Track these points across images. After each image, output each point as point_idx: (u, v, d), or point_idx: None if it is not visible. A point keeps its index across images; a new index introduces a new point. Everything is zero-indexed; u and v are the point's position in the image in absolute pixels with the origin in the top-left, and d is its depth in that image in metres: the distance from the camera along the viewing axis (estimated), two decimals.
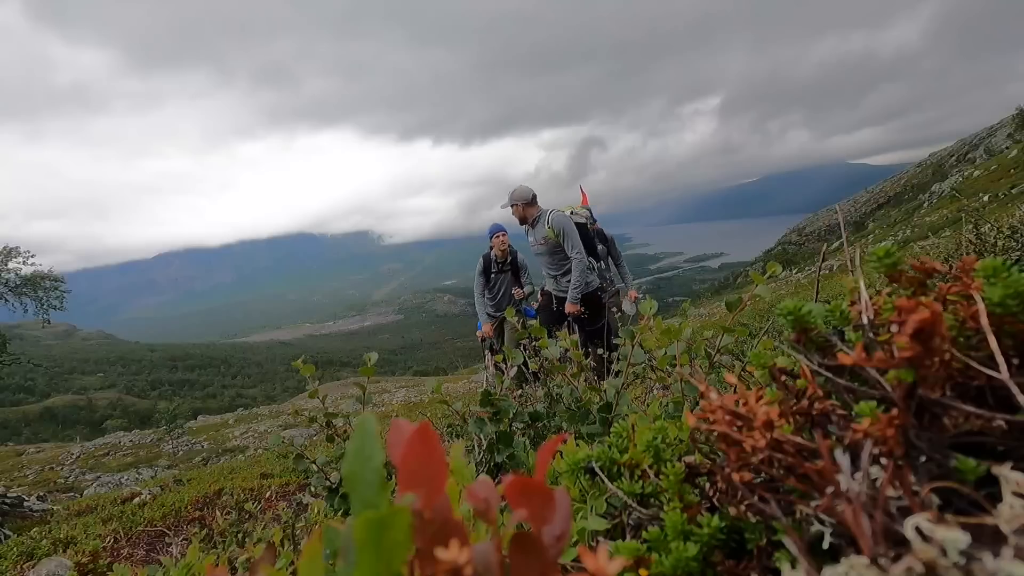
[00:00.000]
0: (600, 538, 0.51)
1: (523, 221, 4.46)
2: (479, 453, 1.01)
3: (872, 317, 0.43)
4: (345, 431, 1.19)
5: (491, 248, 5.39)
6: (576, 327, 6.17)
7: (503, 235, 5.32)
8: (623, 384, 0.98)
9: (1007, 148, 22.85)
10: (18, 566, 2.34)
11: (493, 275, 5.41)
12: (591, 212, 5.22)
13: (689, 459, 0.46)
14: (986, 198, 14.04)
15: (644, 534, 0.42)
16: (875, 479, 0.33)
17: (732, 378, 0.45)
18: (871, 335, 0.42)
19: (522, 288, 5.50)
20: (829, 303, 0.46)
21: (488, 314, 5.45)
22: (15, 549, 2.50)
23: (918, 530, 0.27)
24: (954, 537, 0.25)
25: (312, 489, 1.15)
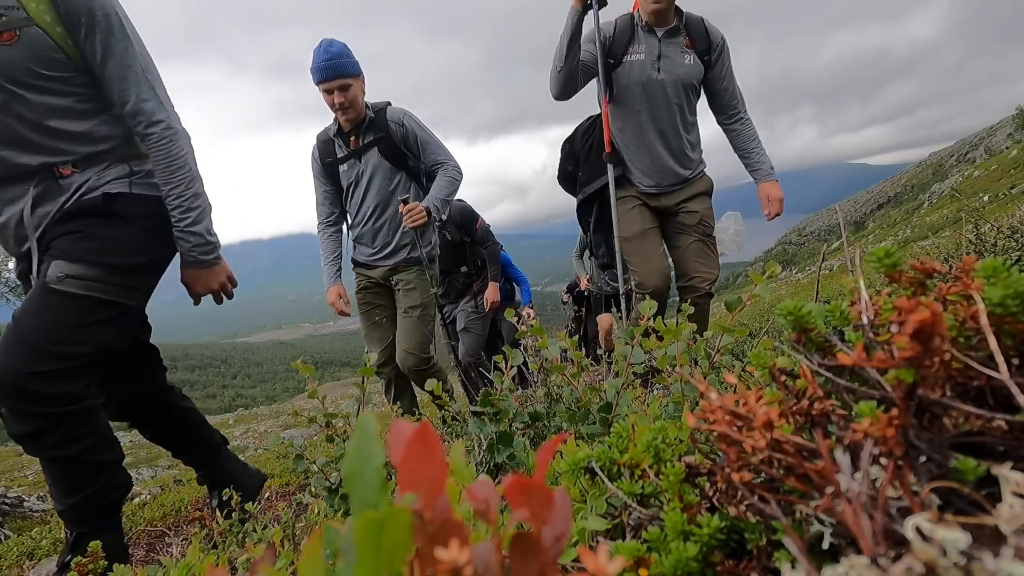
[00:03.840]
0: (600, 538, 0.51)
1: None
2: (479, 453, 1.01)
3: (872, 317, 0.43)
4: (345, 431, 1.19)
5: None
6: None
7: (333, 68, 2.49)
8: (623, 384, 0.98)
9: (1007, 148, 22.85)
10: (18, 566, 2.34)
11: (342, 167, 2.77)
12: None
13: (689, 459, 0.46)
14: (986, 198, 14.04)
15: (644, 534, 0.42)
16: (875, 479, 0.33)
17: (732, 378, 0.45)
18: (871, 335, 0.42)
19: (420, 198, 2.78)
20: (829, 303, 0.46)
21: (355, 260, 2.94)
22: (15, 549, 2.50)
23: (918, 530, 0.27)
24: (954, 537, 0.25)
25: (312, 489, 1.14)
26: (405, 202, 2.63)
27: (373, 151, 2.73)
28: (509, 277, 5.12)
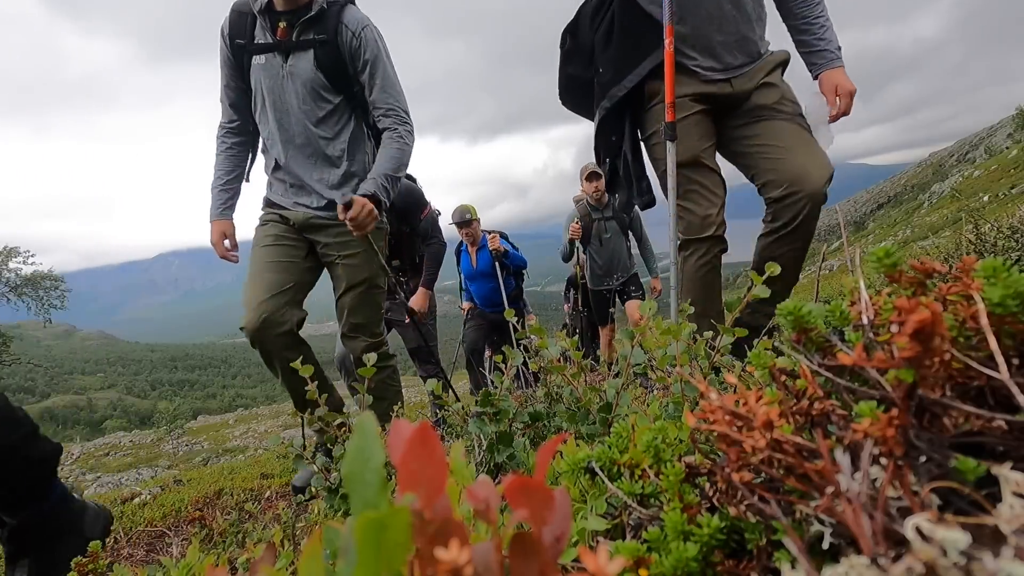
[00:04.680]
0: (600, 538, 0.51)
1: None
2: (479, 453, 1.01)
3: (872, 317, 0.43)
4: (345, 431, 1.19)
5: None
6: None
7: None
8: (623, 384, 0.98)
9: (1007, 148, 22.83)
10: None
11: (257, 60, 2.03)
12: None
13: (689, 459, 0.46)
14: (986, 198, 14.03)
15: (644, 534, 0.42)
16: (875, 479, 0.33)
17: (732, 378, 0.45)
18: (871, 335, 0.42)
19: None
20: (829, 303, 0.46)
21: (269, 200, 2.23)
22: None
23: (918, 530, 0.27)
24: (954, 537, 0.25)
25: (312, 489, 1.15)
26: (347, 206, 1.89)
27: (307, 55, 1.96)
28: (513, 271, 4.75)
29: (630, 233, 5.01)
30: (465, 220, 4.60)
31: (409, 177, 3.10)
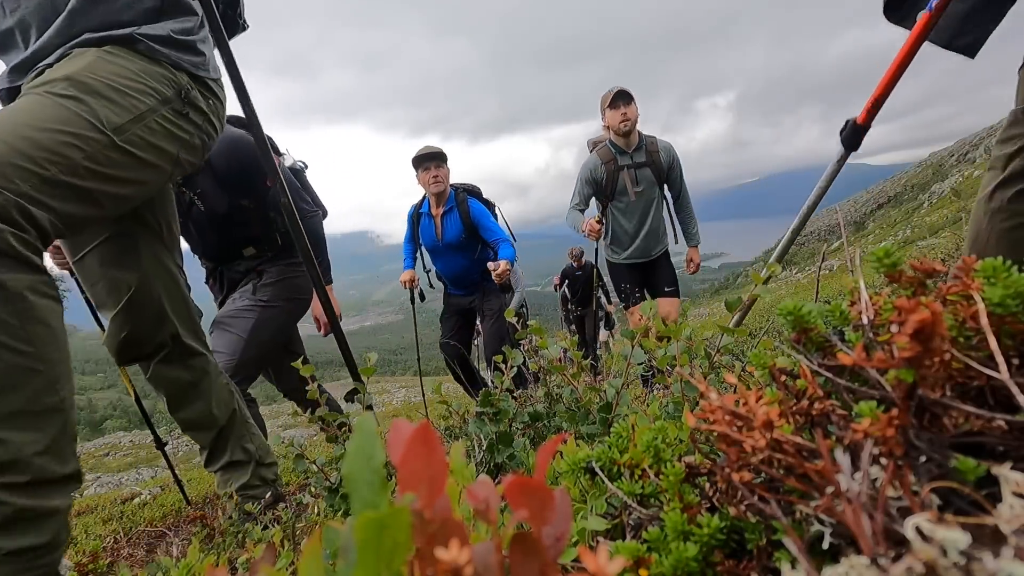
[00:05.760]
0: (600, 538, 0.51)
1: None
2: (479, 453, 1.01)
3: (872, 317, 0.43)
4: (345, 431, 1.19)
5: None
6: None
7: None
8: (623, 384, 0.98)
9: None
10: None
11: None
12: None
13: (689, 459, 0.46)
14: None
15: (644, 534, 0.42)
16: (875, 479, 0.33)
17: (732, 378, 0.45)
18: (871, 335, 0.42)
19: None
20: (829, 303, 0.46)
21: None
22: None
23: (918, 530, 0.27)
24: (954, 537, 0.25)
25: (312, 489, 1.15)
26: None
27: None
28: (486, 242, 3.45)
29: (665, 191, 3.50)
30: (432, 152, 3.30)
31: (239, 122, 1.84)
